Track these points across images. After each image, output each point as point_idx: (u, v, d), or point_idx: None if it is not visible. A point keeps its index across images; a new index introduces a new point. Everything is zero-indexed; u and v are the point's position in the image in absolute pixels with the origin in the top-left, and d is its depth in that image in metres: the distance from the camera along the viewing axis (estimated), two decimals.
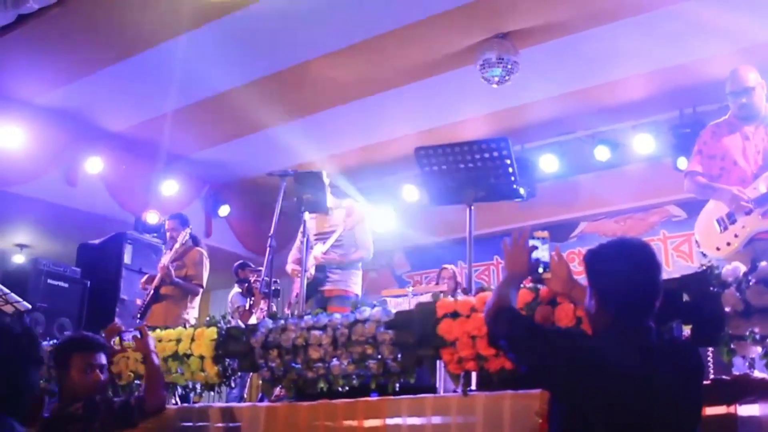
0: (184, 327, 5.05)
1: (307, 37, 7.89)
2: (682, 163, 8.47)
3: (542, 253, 3.08)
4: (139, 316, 7.54)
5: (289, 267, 6.81)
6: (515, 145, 4.60)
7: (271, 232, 6.02)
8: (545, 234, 3.11)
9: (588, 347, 2.63)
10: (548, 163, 9.77)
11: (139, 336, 4.22)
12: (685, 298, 3.13)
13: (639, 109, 9.09)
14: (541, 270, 3.06)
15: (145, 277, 8.07)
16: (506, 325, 2.84)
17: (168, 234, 8.05)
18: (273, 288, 6.18)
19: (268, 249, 5.89)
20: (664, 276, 2.76)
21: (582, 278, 3.39)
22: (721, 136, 5.31)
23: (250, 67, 8.47)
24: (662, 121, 9.12)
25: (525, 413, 3.29)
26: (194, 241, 8.05)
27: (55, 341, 5.16)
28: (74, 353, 3.97)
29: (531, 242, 3.07)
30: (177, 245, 7.80)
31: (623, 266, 2.67)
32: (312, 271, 6.38)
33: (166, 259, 7.83)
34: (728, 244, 4.99)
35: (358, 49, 8.03)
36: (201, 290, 7.82)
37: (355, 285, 6.79)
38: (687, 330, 3.14)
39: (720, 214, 5.10)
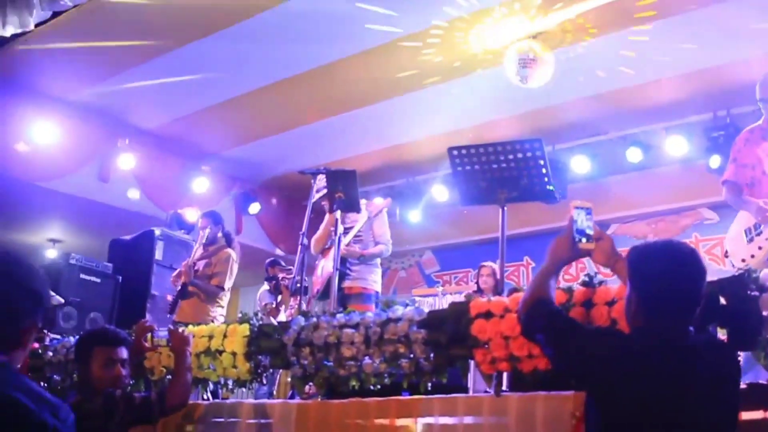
0: None
1: (337, 37, 7.91)
2: (715, 164, 8.41)
3: (586, 223, 2.99)
4: (169, 311, 7.57)
5: (313, 247, 6.74)
6: (546, 146, 4.58)
7: (303, 230, 6.05)
8: (588, 204, 3.03)
9: (625, 347, 2.60)
10: (580, 165, 9.74)
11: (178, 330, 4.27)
12: (723, 301, 3.10)
13: (672, 111, 9.04)
14: (584, 240, 2.96)
15: (176, 272, 8.09)
16: (544, 318, 2.81)
17: (200, 233, 8.05)
18: (302, 286, 6.19)
19: (299, 247, 5.91)
20: None
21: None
22: (754, 143, 5.19)
23: (281, 65, 8.50)
24: (695, 124, 9.07)
25: (558, 415, 3.27)
26: (227, 240, 8.04)
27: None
28: (95, 347, 3.98)
29: (574, 212, 2.99)
30: (203, 242, 7.86)
31: (668, 272, 2.62)
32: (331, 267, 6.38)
33: (193, 257, 7.85)
34: (752, 256, 4.89)
35: (389, 48, 8.05)
36: (222, 292, 7.74)
37: (375, 283, 6.80)
38: (723, 334, 3.11)
39: (749, 224, 5.01)
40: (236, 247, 7.99)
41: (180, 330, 4.43)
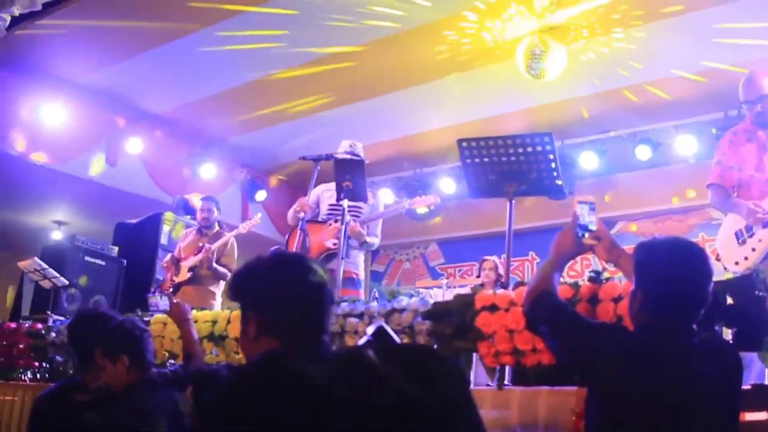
0: None
1: (348, 26, 7.88)
2: None
3: (589, 218, 2.98)
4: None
5: (291, 216, 6.62)
6: (554, 142, 4.57)
7: (301, 215, 6.06)
8: (591, 198, 3.02)
9: (628, 343, 2.59)
10: (588, 161, 9.71)
11: (176, 301, 4.27)
12: (729, 301, 3.09)
13: (683, 109, 9.00)
14: (586, 235, 2.96)
15: (168, 256, 8.09)
16: (548, 310, 2.80)
17: (201, 215, 8.08)
18: None
19: (299, 233, 5.91)
20: None
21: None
22: (739, 144, 5.13)
23: (291, 53, 8.47)
24: (706, 123, 9.01)
25: (560, 409, 3.27)
26: (221, 226, 8.10)
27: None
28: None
29: (578, 207, 2.98)
30: (204, 225, 7.92)
31: (674, 269, 2.61)
32: (329, 244, 6.37)
33: (194, 240, 7.89)
34: (746, 258, 4.82)
35: (400, 39, 8.01)
36: (230, 275, 7.82)
37: (362, 269, 6.79)
38: (729, 334, 3.10)
39: (739, 227, 4.93)
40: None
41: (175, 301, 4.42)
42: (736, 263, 4.85)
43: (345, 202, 5.55)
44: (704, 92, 8.61)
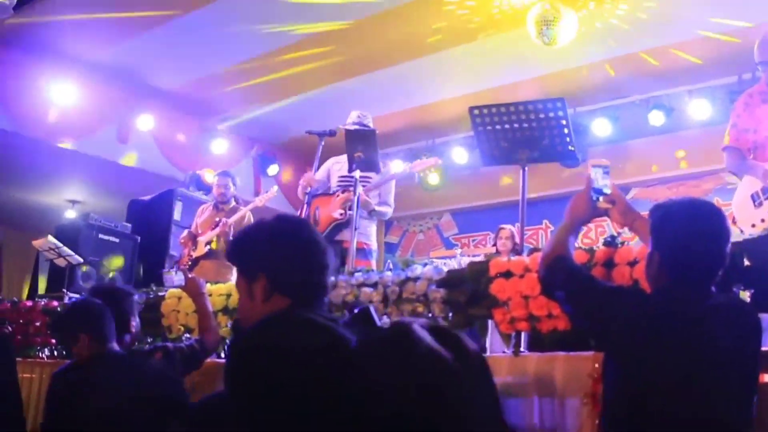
0: None
1: None
2: None
3: (603, 182, 2.94)
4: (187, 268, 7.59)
5: (300, 191, 6.55)
6: (567, 109, 4.53)
7: (308, 189, 6.10)
8: (606, 162, 2.98)
9: (646, 306, 2.56)
10: (601, 128, 9.64)
11: (191, 276, 4.31)
12: (747, 262, 3.06)
13: (696, 74, 8.91)
14: (601, 199, 2.91)
15: (185, 232, 8.10)
16: (564, 274, 2.77)
17: (217, 190, 8.08)
18: None
19: (304, 206, 5.91)
20: None
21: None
22: (754, 106, 5.02)
23: (301, 25, 8.43)
24: (719, 87, 8.93)
25: (577, 375, 3.24)
26: (237, 200, 8.10)
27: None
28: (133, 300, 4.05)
29: (591, 171, 2.94)
30: (221, 200, 7.92)
31: (691, 231, 2.57)
32: (336, 215, 6.35)
33: (211, 216, 7.90)
34: (762, 220, 4.75)
35: (409, 9, 7.95)
36: None
37: (374, 239, 6.72)
38: (746, 296, 3.07)
39: (755, 189, 4.84)
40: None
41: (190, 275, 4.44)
42: (753, 225, 4.79)
43: (357, 173, 5.51)
44: (718, 56, 8.52)
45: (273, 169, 11.55)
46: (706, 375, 2.46)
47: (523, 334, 3.67)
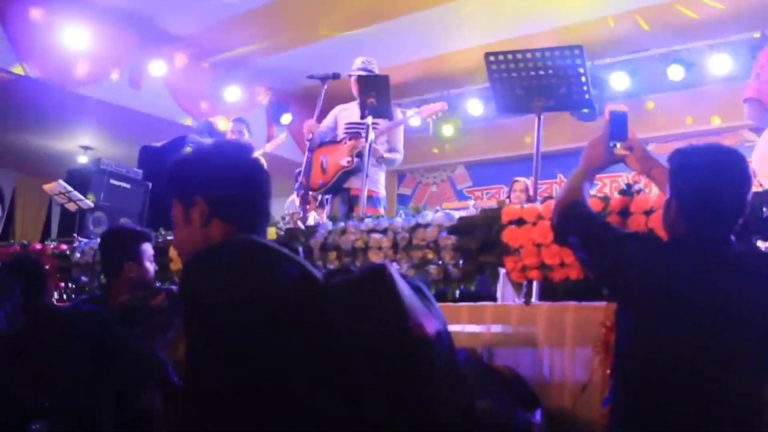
0: None
1: None
2: None
3: (621, 128, 2.86)
4: None
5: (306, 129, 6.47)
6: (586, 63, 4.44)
7: (310, 136, 6.11)
8: (624, 108, 2.91)
9: (663, 253, 2.49)
10: (619, 81, 9.49)
11: None
12: (766, 213, 2.98)
13: (717, 28, 8.74)
14: (618, 145, 2.84)
15: None
16: (578, 220, 2.69)
17: (231, 137, 8.03)
18: (307, 189, 6.10)
19: (306, 153, 5.85)
20: None
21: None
22: None
23: None
24: (741, 42, 8.76)
25: (588, 325, 3.20)
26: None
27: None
28: (144, 243, 3.95)
29: (610, 116, 2.86)
30: None
31: (711, 174, 2.48)
32: (343, 162, 6.29)
33: None
34: None
35: None
36: None
37: (382, 186, 6.62)
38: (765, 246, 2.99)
39: None
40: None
41: None
42: None
43: (369, 119, 5.42)
44: (739, 10, 8.35)
45: (286, 118, 11.45)
46: (725, 327, 2.39)
47: (534, 284, 3.63)
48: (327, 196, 6.61)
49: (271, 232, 4.43)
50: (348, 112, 6.54)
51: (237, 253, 2.00)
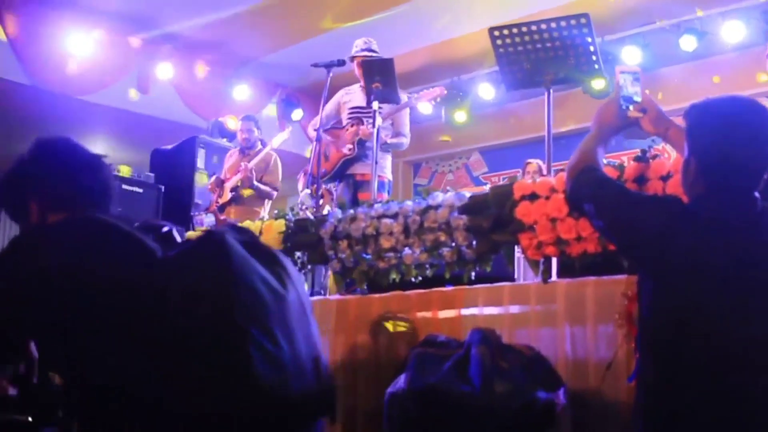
0: None
1: None
2: None
3: (632, 89, 2.72)
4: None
5: (311, 131, 6.55)
6: (596, 38, 4.31)
7: (317, 126, 5.99)
8: (636, 68, 2.78)
9: (684, 216, 2.33)
10: (631, 56, 9.28)
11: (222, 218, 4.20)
12: None
13: None
14: (631, 107, 2.71)
15: (213, 178, 8.05)
16: (592, 185, 2.53)
17: (241, 135, 8.01)
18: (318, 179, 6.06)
19: (314, 144, 5.78)
20: None
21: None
22: None
23: None
24: (754, 7, 8.55)
25: (609, 299, 3.07)
26: (263, 144, 7.99)
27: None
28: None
29: (620, 77, 2.73)
30: (246, 145, 7.85)
31: (731, 131, 2.32)
32: (345, 150, 6.22)
33: (237, 161, 7.81)
34: None
35: None
36: (276, 194, 7.80)
37: (388, 170, 6.54)
38: None
39: None
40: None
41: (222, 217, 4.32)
42: None
43: (375, 104, 5.31)
44: None
45: (297, 114, 11.33)
46: (754, 289, 2.25)
47: (553, 261, 3.50)
48: (332, 185, 6.52)
49: (280, 224, 4.34)
50: (351, 96, 6.54)
51: (64, 229, 2.09)
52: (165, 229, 2.23)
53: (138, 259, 1.98)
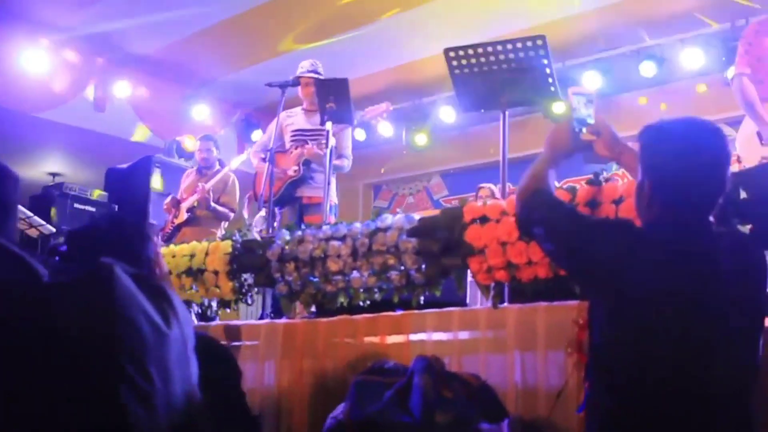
0: None
1: None
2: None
3: (586, 111, 2.64)
4: (165, 239, 7.37)
5: (255, 160, 6.60)
6: (556, 63, 4.27)
7: (270, 145, 5.97)
8: (589, 90, 2.70)
9: (636, 239, 2.25)
10: (591, 81, 9.31)
11: None
12: (743, 195, 2.77)
13: (688, 21, 8.58)
14: (584, 129, 2.62)
15: (169, 198, 7.91)
16: (543, 208, 2.45)
17: (200, 155, 7.90)
18: (270, 199, 5.96)
19: (267, 164, 5.70)
20: None
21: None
22: (765, 35, 4.84)
23: None
24: (712, 34, 8.61)
25: (560, 326, 2.98)
26: (221, 164, 7.88)
27: None
28: None
29: (573, 99, 2.65)
30: (204, 165, 7.75)
31: (686, 150, 2.26)
32: (290, 172, 6.13)
33: (194, 181, 7.69)
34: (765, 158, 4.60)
35: None
36: (232, 215, 7.69)
37: (334, 194, 6.39)
38: (745, 230, 2.79)
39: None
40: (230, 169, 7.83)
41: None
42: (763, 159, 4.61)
43: (329, 125, 5.22)
44: (710, 2, 8.21)
45: (257, 135, 11.22)
46: (707, 316, 2.18)
47: (505, 288, 3.41)
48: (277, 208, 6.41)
49: (226, 245, 4.21)
50: (292, 119, 6.47)
51: None
52: (63, 248, 2.20)
53: (18, 284, 1.94)
